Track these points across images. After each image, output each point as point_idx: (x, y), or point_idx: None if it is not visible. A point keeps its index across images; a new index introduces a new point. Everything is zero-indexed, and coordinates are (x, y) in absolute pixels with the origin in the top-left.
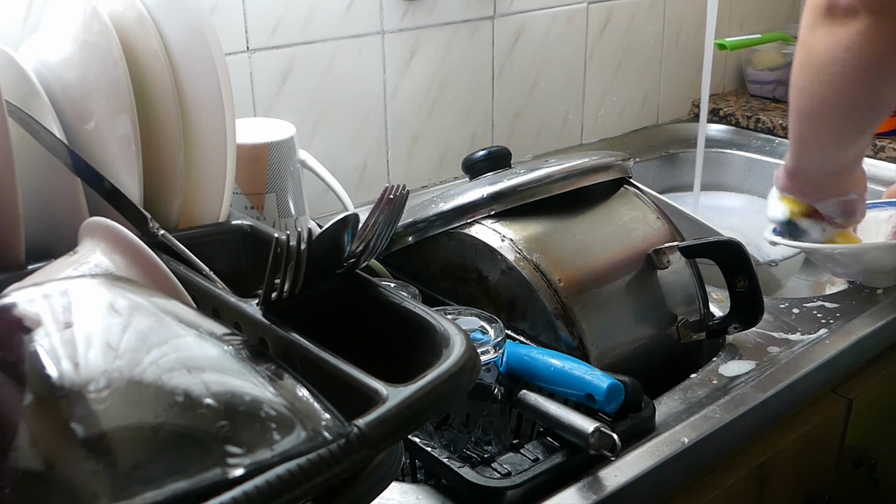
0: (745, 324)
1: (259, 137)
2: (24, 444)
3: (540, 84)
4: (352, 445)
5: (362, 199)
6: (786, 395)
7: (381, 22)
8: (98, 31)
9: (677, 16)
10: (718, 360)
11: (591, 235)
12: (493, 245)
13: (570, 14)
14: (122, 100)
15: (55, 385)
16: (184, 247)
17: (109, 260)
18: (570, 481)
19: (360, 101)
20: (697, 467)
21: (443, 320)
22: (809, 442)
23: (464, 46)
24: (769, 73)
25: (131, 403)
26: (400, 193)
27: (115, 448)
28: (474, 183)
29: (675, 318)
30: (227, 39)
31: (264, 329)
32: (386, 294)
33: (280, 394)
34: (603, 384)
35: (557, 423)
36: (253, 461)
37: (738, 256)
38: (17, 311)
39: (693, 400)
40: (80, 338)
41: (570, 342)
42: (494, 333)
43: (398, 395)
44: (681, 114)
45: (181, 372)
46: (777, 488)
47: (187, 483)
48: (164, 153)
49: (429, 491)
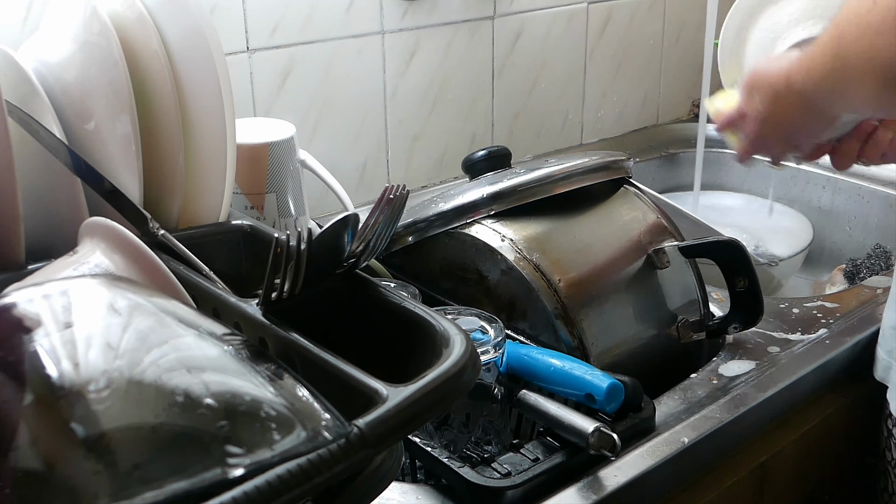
0: (745, 324)
1: (259, 137)
2: (23, 443)
3: (540, 84)
4: (352, 445)
5: (362, 199)
6: (786, 395)
7: (381, 22)
8: (98, 31)
9: (677, 16)
10: (718, 359)
11: (591, 235)
12: (493, 245)
13: (571, 14)
14: (122, 100)
15: (55, 385)
16: (183, 247)
17: (109, 260)
18: (570, 481)
19: (360, 101)
20: (697, 467)
21: (443, 320)
22: (810, 442)
23: (464, 46)
24: None
25: (131, 403)
26: (400, 193)
27: (115, 448)
28: (474, 183)
29: (675, 318)
30: (227, 39)
31: (264, 329)
32: (386, 294)
33: (280, 394)
34: (603, 384)
35: (557, 423)
36: (253, 461)
37: (738, 256)
38: (17, 310)
39: (693, 400)
40: (80, 338)
41: (570, 342)
42: (494, 333)
43: (398, 395)
44: (681, 114)
45: (181, 372)
46: (777, 488)
47: (187, 483)
48: (164, 153)
49: (429, 491)
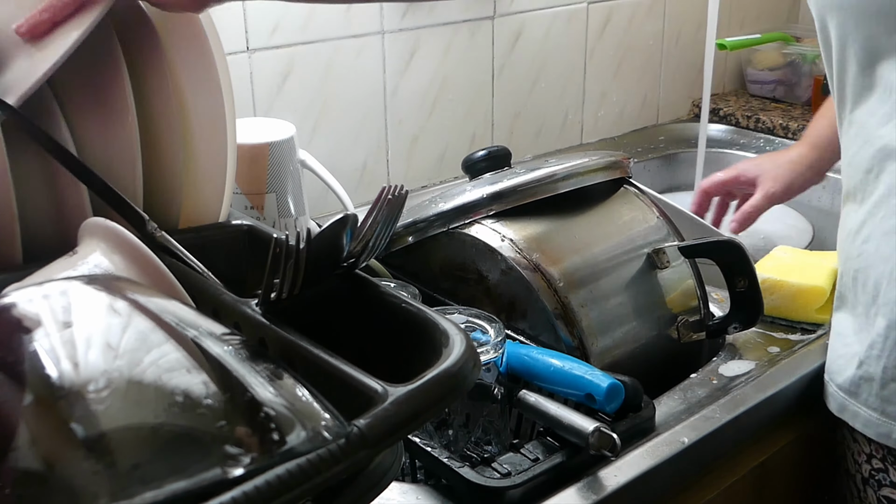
0: (744, 323)
1: (259, 137)
2: (23, 444)
3: (540, 84)
4: (351, 445)
5: (362, 199)
6: (786, 396)
7: (380, 22)
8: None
9: (677, 16)
10: (718, 359)
11: (591, 235)
12: (492, 245)
13: (570, 14)
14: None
15: (55, 385)
16: (182, 247)
17: (109, 260)
18: (570, 481)
19: (360, 101)
20: (697, 467)
21: (442, 320)
22: (809, 442)
23: (464, 46)
24: (769, 73)
25: (131, 403)
26: (398, 195)
27: (115, 448)
28: (474, 183)
29: (675, 318)
30: (227, 39)
31: (264, 329)
32: (386, 294)
33: (280, 394)
34: (603, 384)
35: (557, 423)
36: (252, 461)
37: (738, 256)
38: (16, 311)
39: (693, 400)
40: (79, 338)
41: (570, 342)
42: (494, 333)
43: (397, 395)
44: (680, 114)
45: (181, 372)
46: (777, 488)
47: (187, 483)
48: (165, 154)
49: (429, 491)
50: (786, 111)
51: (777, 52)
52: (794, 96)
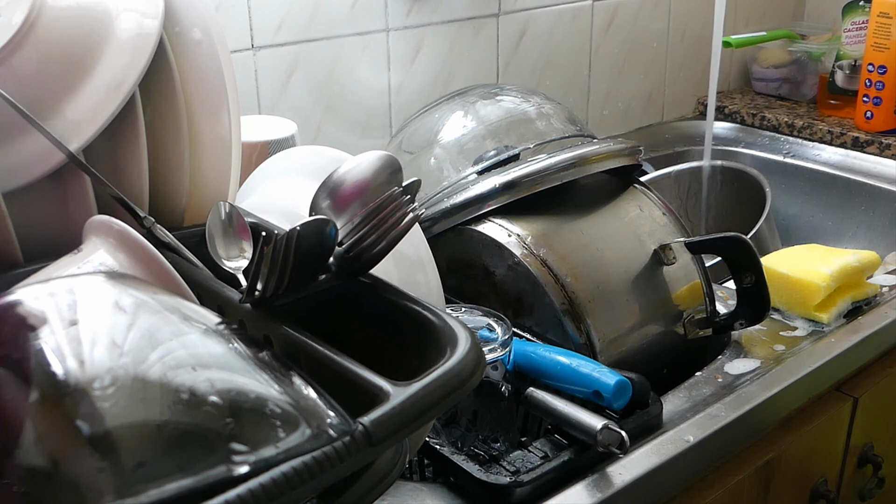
0: (751, 319)
1: (260, 135)
2: (29, 441)
3: (544, 81)
4: (357, 443)
5: None
6: (791, 394)
7: (385, 19)
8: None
9: (682, 13)
10: (724, 357)
11: (597, 231)
12: (500, 241)
13: (575, 11)
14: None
15: (60, 382)
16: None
17: (113, 258)
18: (578, 478)
19: (364, 98)
20: (703, 465)
21: (448, 318)
22: (815, 440)
23: (468, 44)
24: (775, 71)
25: (136, 401)
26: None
27: (120, 445)
28: (483, 177)
29: (682, 314)
30: (232, 37)
31: (269, 326)
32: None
33: (285, 391)
34: (611, 381)
35: (565, 421)
36: (258, 459)
37: (745, 252)
38: (22, 308)
39: (698, 398)
40: (85, 335)
41: (578, 339)
42: (502, 331)
43: (403, 393)
44: (686, 111)
45: (186, 369)
46: (782, 486)
47: (192, 480)
48: (170, 152)
49: (437, 488)
50: (791, 109)
51: (783, 49)
52: (800, 94)
